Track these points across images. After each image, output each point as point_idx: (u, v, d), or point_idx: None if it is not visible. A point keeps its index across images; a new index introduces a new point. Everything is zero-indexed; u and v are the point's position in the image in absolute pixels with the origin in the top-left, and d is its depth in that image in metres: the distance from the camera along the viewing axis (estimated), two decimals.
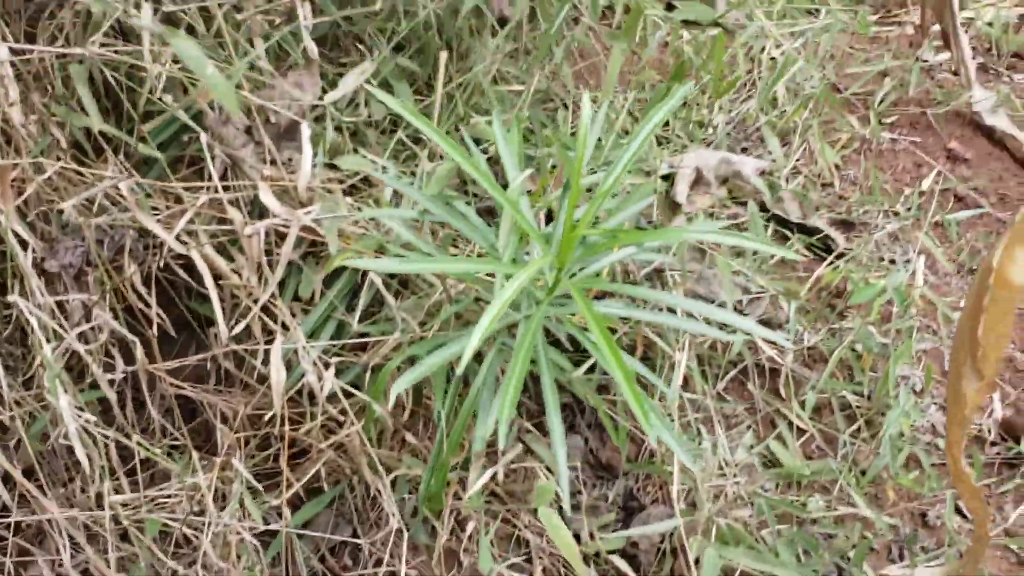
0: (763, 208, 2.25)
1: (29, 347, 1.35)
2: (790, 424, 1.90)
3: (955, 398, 1.24)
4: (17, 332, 1.37)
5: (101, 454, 1.30)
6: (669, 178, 1.69)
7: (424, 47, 1.69)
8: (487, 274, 1.32)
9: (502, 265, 1.16)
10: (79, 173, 1.27)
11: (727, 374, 1.95)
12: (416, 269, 1.10)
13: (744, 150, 2.47)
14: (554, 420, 1.19)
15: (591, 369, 1.54)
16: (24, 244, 1.25)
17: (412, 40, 1.69)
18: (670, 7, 1.75)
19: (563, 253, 1.15)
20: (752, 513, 1.56)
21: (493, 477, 1.41)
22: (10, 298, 1.21)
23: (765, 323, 1.92)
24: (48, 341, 1.22)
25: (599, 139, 1.69)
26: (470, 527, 1.55)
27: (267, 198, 1.27)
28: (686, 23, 1.75)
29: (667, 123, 2.37)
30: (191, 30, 1.40)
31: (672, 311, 1.51)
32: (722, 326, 1.58)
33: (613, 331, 1.62)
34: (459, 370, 0.99)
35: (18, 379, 1.25)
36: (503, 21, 1.81)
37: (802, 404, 1.89)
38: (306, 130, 1.30)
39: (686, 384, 1.86)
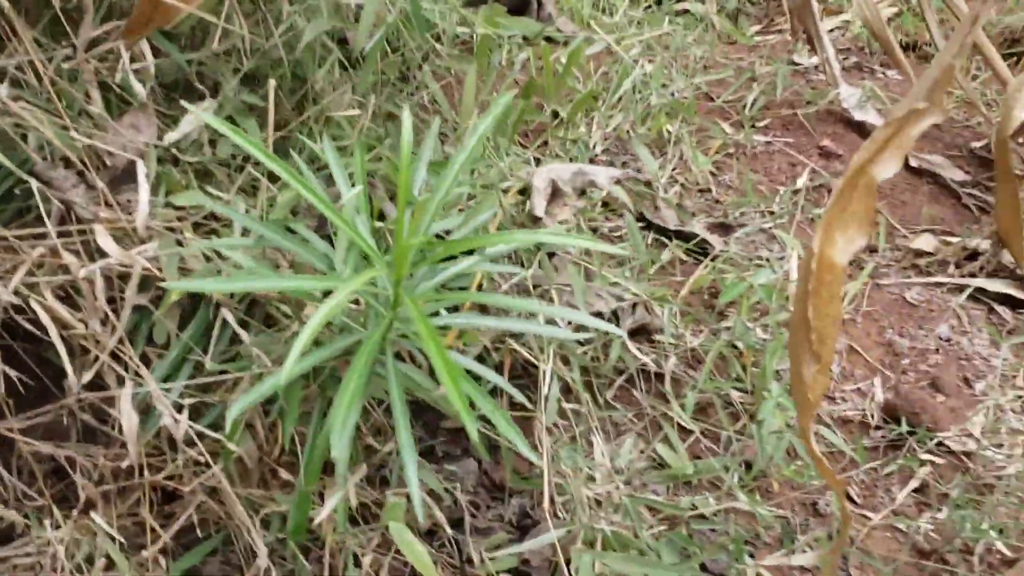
0: (642, 218, 2.30)
1: None
2: (676, 426, 1.93)
3: (798, 384, 1.27)
4: None
5: None
6: (524, 191, 1.71)
7: (278, 83, 1.70)
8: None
9: (333, 280, 1.17)
10: None
11: (613, 383, 1.97)
12: (242, 287, 1.10)
13: (624, 164, 2.52)
14: (403, 435, 1.19)
15: None
16: None
17: (263, 77, 1.70)
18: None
19: (398, 265, 1.16)
20: (631, 518, 1.57)
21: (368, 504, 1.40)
22: None
23: (641, 329, 1.95)
24: None
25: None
26: (365, 560, 1.53)
27: (104, 240, 1.25)
28: (526, 40, 1.79)
29: (546, 143, 2.41)
30: (18, 83, 1.39)
31: (523, 318, 1.52)
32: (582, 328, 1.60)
33: (486, 352, 1.62)
34: (281, 380, 0.98)
35: None
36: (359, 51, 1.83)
37: (683, 406, 1.92)
38: (142, 169, 1.29)
39: (569, 396, 1.87)
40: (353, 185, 1.33)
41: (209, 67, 1.68)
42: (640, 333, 1.95)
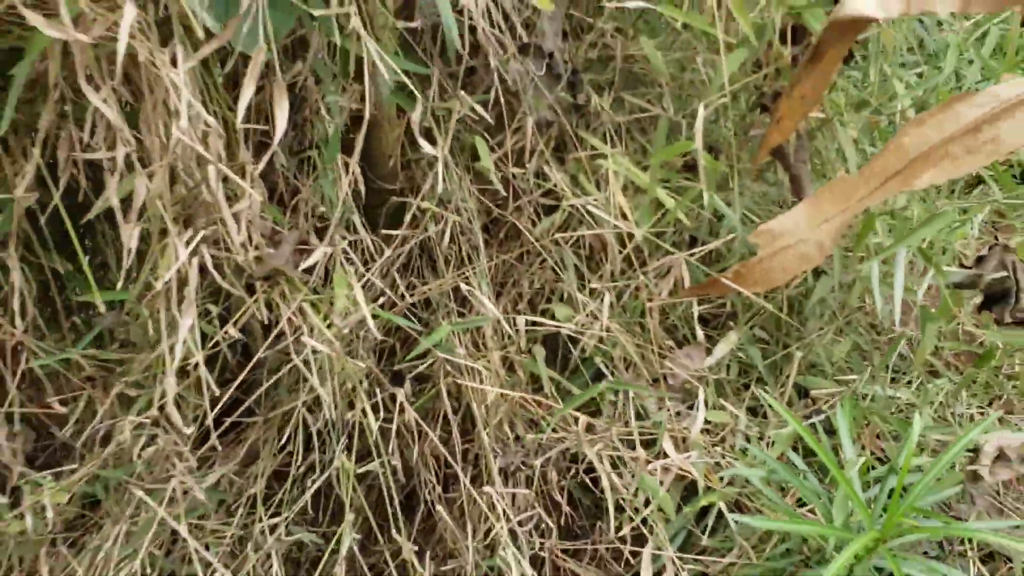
0: None
1: None
2: None
3: None
4: None
5: None
6: (975, 450, 1.99)
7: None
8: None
9: (836, 531, 1.56)
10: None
11: None
12: (774, 527, 1.54)
13: None
14: None
15: None
16: None
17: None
18: None
19: (884, 533, 1.53)
20: None
21: None
22: None
23: None
24: None
25: None
26: None
27: (667, 446, 1.76)
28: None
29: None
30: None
31: None
32: None
33: None
34: None
35: None
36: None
37: None
38: (701, 395, 1.79)
39: None
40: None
41: None
42: None
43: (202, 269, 1.35)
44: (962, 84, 2.20)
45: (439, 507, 1.81)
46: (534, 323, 1.83)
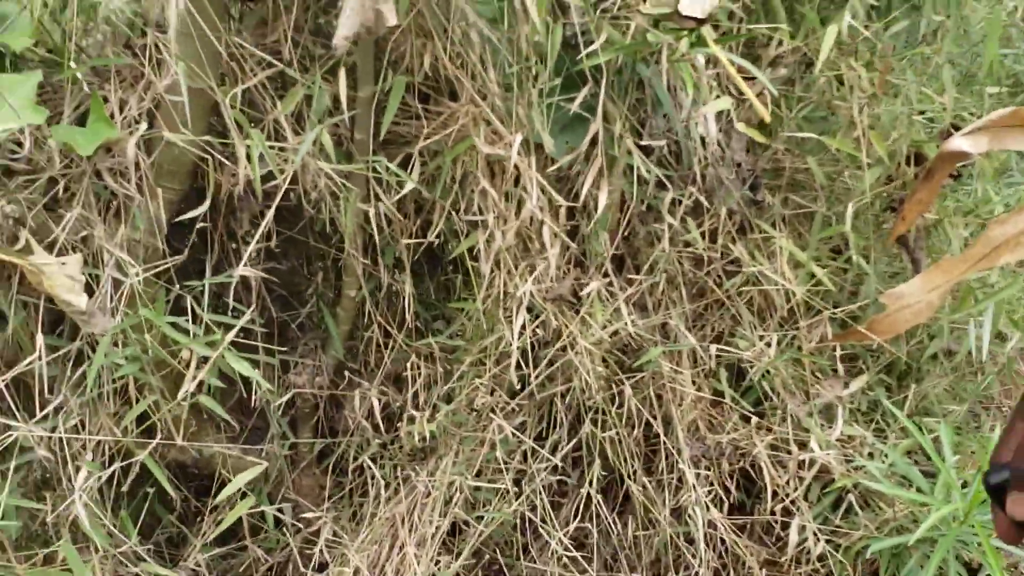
0: None
1: None
2: None
3: None
4: None
5: None
6: None
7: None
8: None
9: (936, 502, 2.22)
10: None
11: None
12: (886, 491, 2.21)
13: None
14: None
15: None
16: None
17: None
18: None
19: (969, 508, 2.17)
20: None
21: None
22: None
23: None
24: None
25: None
26: None
27: (814, 445, 2.45)
28: None
29: None
30: None
31: None
32: None
33: None
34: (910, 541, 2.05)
35: None
36: (949, 352, 2.88)
37: None
38: (840, 412, 2.48)
39: None
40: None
41: None
42: None
43: None
44: None
45: (645, 479, 2.55)
46: (722, 351, 2.57)
